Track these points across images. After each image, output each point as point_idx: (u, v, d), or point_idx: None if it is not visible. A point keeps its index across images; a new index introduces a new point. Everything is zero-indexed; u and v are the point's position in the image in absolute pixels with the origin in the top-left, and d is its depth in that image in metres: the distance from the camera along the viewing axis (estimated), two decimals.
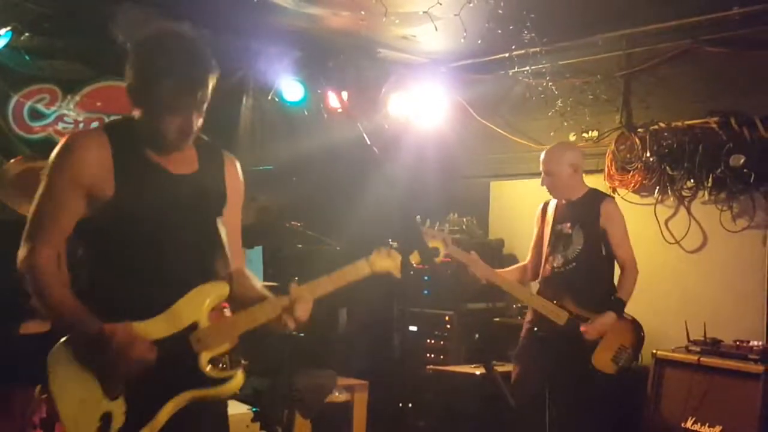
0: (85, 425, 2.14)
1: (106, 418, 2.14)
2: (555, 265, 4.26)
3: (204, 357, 2.24)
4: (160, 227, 2.25)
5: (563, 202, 4.32)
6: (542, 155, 4.29)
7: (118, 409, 2.16)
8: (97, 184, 2.20)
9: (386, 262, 2.44)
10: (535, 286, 4.45)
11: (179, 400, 2.21)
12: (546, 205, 4.44)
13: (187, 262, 2.29)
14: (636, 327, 4.28)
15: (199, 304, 2.26)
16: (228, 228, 2.41)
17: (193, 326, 2.24)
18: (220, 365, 2.27)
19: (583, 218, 4.24)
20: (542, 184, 4.31)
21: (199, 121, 2.27)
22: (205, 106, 2.27)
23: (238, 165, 2.49)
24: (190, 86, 2.20)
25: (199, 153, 2.39)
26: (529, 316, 4.34)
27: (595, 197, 4.32)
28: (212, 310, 2.29)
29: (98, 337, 2.10)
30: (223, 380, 2.26)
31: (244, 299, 2.37)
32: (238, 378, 2.28)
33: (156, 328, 2.20)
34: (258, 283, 2.46)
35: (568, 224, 4.26)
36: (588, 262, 4.20)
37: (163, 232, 2.26)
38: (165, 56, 2.19)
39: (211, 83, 2.25)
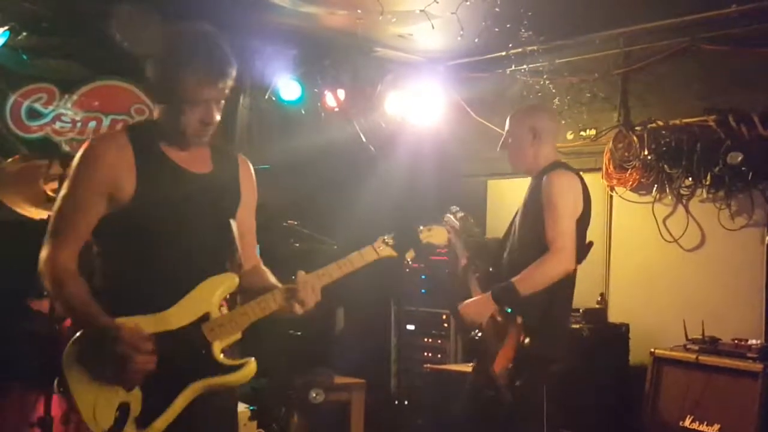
0: (102, 417, 2.21)
1: (124, 409, 2.22)
2: (504, 258, 3.66)
3: (216, 346, 2.33)
4: (177, 224, 2.34)
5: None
6: (509, 117, 3.80)
7: (135, 399, 2.24)
8: (119, 184, 2.29)
9: (388, 249, 2.61)
10: None
11: (195, 388, 2.29)
12: None
13: (201, 257, 2.38)
14: (517, 333, 3.39)
15: (210, 295, 2.35)
16: (244, 227, 2.52)
17: (205, 317, 2.33)
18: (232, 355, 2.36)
19: (528, 198, 3.62)
20: (499, 149, 3.77)
21: (218, 115, 2.35)
22: (223, 101, 2.36)
23: (251, 167, 2.59)
24: (211, 77, 2.28)
25: (213, 155, 2.48)
26: None
27: (545, 171, 3.59)
28: (222, 300, 2.39)
29: (109, 335, 2.19)
30: (236, 367, 2.35)
31: (259, 292, 2.46)
32: (251, 365, 2.36)
33: (169, 319, 2.29)
34: (272, 278, 2.57)
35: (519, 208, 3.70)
36: (525, 253, 3.51)
37: (179, 229, 2.34)
38: (186, 49, 2.29)
39: (231, 77, 2.34)
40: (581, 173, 3.69)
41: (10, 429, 3.83)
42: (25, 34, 4.70)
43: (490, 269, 3.71)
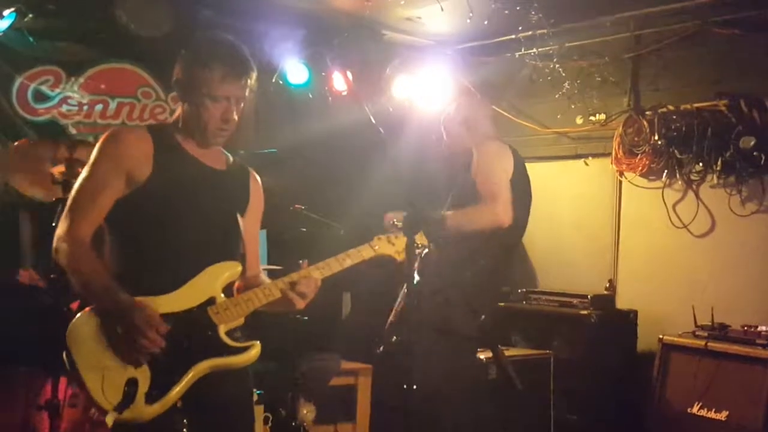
0: (110, 391, 2.26)
1: (132, 384, 2.27)
2: None
3: (222, 329, 2.42)
4: (188, 210, 2.45)
5: None
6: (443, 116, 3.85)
7: (143, 375, 2.29)
8: (137, 167, 2.40)
9: (388, 247, 2.66)
10: None
11: (201, 367, 2.35)
12: None
13: (209, 245, 2.47)
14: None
15: (215, 281, 2.44)
16: (248, 235, 2.61)
17: (211, 300, 2.42)
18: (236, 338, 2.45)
19: (457, 176, 3.68)
20: (441, 147, 3.86)
21: (236, 115, 2.48)
22: (243, 102, 2.49)
23: (260, 180, 2.72)
24: (233, 74, 2.43)
25: (227, 159, 2.64)
26: None
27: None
28: (227, 286, 2.47)
29: (126, 311, 2.26)
30: (242, 349, 2.43)
31: None
32: (257, 348, 2.45)
33: (176, 301, 2.37)
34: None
35: None
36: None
37: (189, 215, 2.45)
38: (212, 48, 2.46)
39: (251, 77, 2.48)
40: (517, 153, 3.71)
41: (19, 412, 3.84)
42: (31, 16, 4.67)
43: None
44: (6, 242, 4.34)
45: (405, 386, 2.41)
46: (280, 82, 5.58)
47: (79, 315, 2.33)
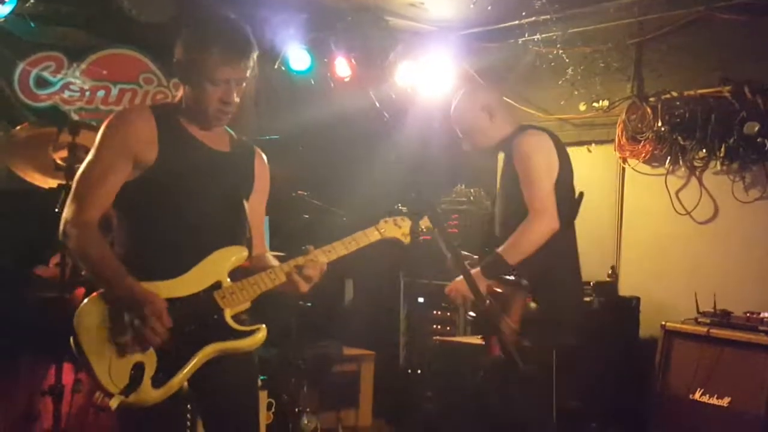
0: (117, 375, 2.27)
1: (138, 368, 2.28)
2: (497, 235, 3.58)
3: (228, 313, 2.42)
4: (194, 194, 2.45)
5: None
6: (452, 111, 3.65)
7: (149, 359, 2.30)
8: (143, 150, 2.40)
9: (394, 229, 2.67)
10: None
11: (207, 351, 2.37)
12: None
13: (215, 229, 2.48)
14: (523, 295, 3.29)
15: (221, 265, 2.45)
16: (254, 214, 2.62)
17: (217, 285, 2.43)
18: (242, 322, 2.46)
19: (504, 169, 3.50)
20: (464, 149, 3.65)
21: (237, 97, 2.46)
22: (245, 82, 2.47)
23: (266, 158, 2.72)
24: (233, 57, 2.40)
25: (231, 139, 2.63)
26: None
27: (512, 137, 3.46)
28: (233, 270, 2.47)
29: (135, 301, 2.26)
30: (247, 333, 2.44)
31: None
32: (263, 331, 2.46)
33: (182, 285, 2.39)
34: (277, 263, 2.62)
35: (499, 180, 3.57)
36: (511, 223, 3.42)
37: (196, 199, 2.45)
38: (212, 31, 2.43)
39: (252, 59, 2.46)
40: (554, 132, 3.59)
41: (22, 397, 3.86)
42: (33, 1, 4.66)
43: (485, 249, 3.58)
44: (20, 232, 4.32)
45: (409, 371, 2.42)
46: (283, 68, 5.57)
47: (86, 300, 2.34)
